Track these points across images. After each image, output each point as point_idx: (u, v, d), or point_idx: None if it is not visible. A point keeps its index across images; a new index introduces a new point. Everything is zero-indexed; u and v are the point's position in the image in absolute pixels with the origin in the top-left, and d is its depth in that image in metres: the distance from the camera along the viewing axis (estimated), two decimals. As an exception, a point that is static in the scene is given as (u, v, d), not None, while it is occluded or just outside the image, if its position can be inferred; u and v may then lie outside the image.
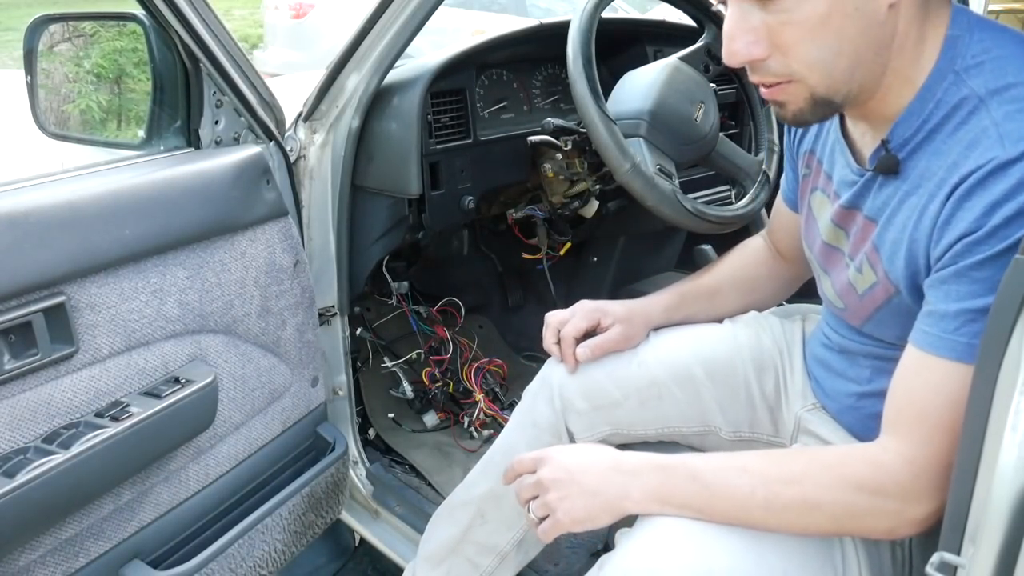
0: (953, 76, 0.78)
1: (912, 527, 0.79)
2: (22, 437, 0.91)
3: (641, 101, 1.35)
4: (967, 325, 0.74)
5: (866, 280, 0.89)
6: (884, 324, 0.89)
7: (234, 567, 1.22)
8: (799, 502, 0.81)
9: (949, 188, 0.76)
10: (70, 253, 0.95)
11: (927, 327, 0.77)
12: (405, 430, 1.77)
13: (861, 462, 0.81)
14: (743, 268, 1.24)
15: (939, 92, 0.78)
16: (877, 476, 0.79)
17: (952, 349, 0.75)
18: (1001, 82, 0.76)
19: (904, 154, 0.82)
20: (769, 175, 1.50)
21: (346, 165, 1.39)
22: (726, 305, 1.22)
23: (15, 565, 0.93)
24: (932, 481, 0.76)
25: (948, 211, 0.75)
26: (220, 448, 1.19)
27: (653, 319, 1.18)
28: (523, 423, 1.18)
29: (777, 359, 1.15)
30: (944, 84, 0.78)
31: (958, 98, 0.77)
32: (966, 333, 0.74)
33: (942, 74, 0.78)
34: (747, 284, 1.24)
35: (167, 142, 1.23)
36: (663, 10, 1.68)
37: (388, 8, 1.28)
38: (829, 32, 0.76)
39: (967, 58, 0.78)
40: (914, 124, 0.80)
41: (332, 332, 1.48)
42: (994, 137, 0.73)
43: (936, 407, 0.76)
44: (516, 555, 1.22)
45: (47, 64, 1.30)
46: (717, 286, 1.23)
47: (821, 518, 0.81)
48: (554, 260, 1.86)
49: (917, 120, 0.80)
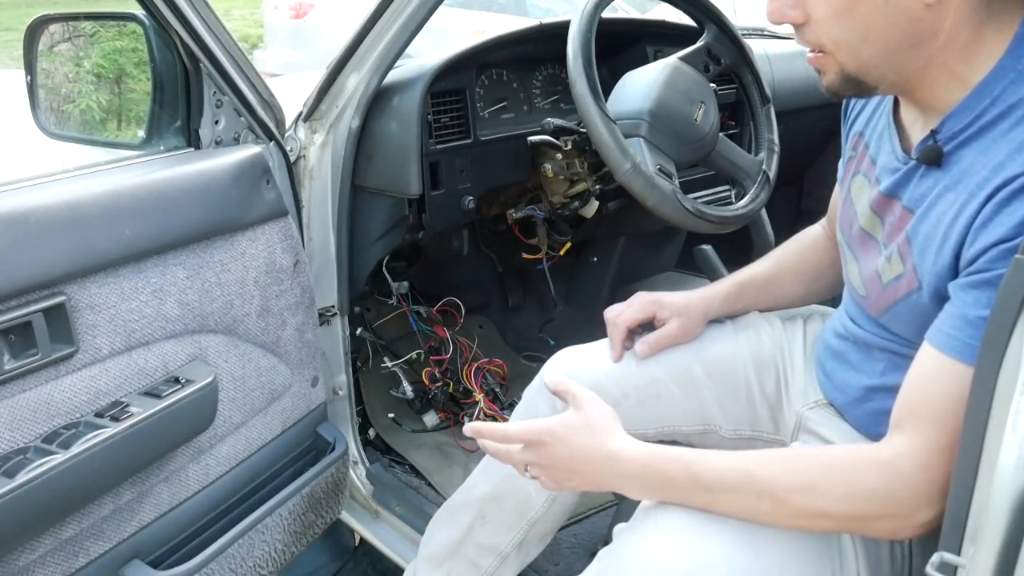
0: (1015, 75, 0.75)
1: (917, 530, 0.78)
2: (22, 437, 0.91)
3: (641, 101, 1.35)
4: None
5: (893, 270, 0.87)
6: (900, 319, 0.88)
7: (234, 567, 1.22)
8: (808, 511, 0.80)
9: (991, 189, 0.73)
10: (70, 253, 0.95)
11: (952, 330, 0.75)
12: (405, 430, 1.77)
13: (875, 470, 0.78)
14: (804, 256, 1.21)
15: (997, 89, 0.76)
16: (891, 486, 0.77)
17: (966, 349, 0.73)
18: None
19: (950, 147, 0.80)
20: (769, 175, 1.50)
21: (346, 165, 1.39)
22: (786, 294, 1.19)
23: (15, 565, 0.93)
24: (945, 487, 0.74)
25: (987, 213, 0.73)
26: (220, 448, 1.19)
27: (712, 310, 1.15)
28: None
29: (778, 358, 1.15)
30: (1004, 82, 0.76)
31: (1016, 98, 0.75)
32: None
33: (1004, 72, 0.76)
34: (808, 273, 1.20)
35: (167, 142, 1.23)
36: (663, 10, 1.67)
37: (388, 8, 1.28)
38: (855, 18, 0.77)
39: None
40: (966, 119, 0.78)
41: (332, 332, 1.48)
42: None
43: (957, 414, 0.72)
44: (517, 555, 1.22)
45: (47, 64, 1.30)
46: (777, 275, 1.20)
47: (828, 523, 0.81)
48: (554, 260, 1.86)
49: (970, 115, 0.78)
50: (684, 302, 1.14)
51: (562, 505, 1.19)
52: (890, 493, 0.77)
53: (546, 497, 1.17)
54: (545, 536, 1.24)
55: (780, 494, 0.80)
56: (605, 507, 1.53)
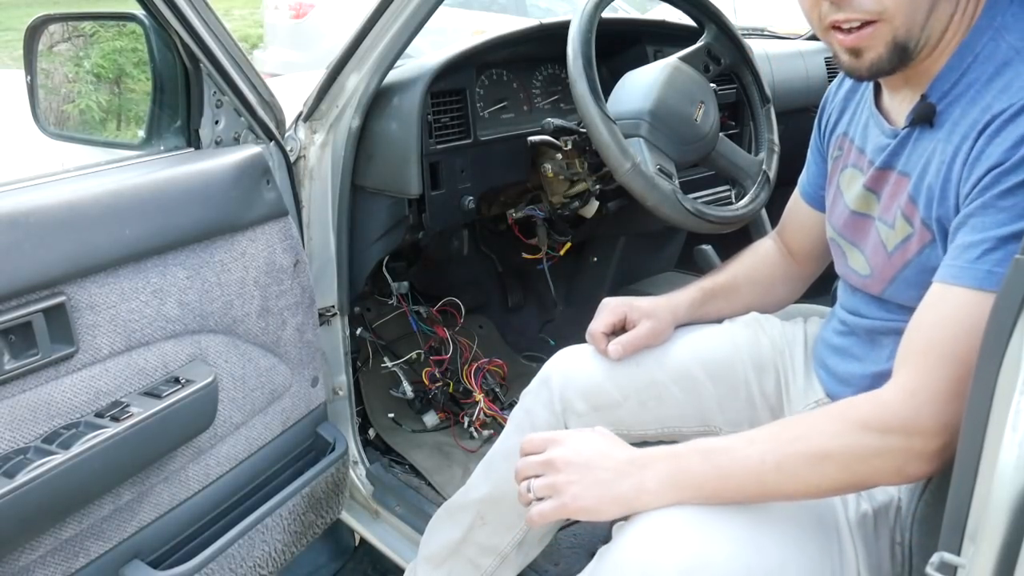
0: (992, 32, 0.81)
1: (921, 464, 0.77)
2: (22, 437, 0.91)
3: (641, 101, 1.35)
4: (989, 253, 0.74)
5: (899, 234, 0.89)
6: (908, 283, 0.89)
7: (234, 567, 1.22)
8: (808, 456, 0.80)
9: (982, 126, 0.78)
10: (70, 253, 0.95)
11: (950, 260, 0.78)
12: (405, 430, 1.77)
13: (864, 402, 0.80)
14: (757, 269, 1.25)
15: (978, 47, 0.81)
16: (879, 413, 0.78)
17: (973, 277, 0.75)
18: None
19: (942, 106, 0.84)
20: (769, 175, 1.50)
21: (346, 165, 1.39)
22: (744, 303, 1.22)
23: (15, 565, 0.93)
24: (936, 412, 0.75)
25: (979, 148, 0.77)
26: (220, 448, 1.19)
27: (679, 315, 1.18)
28: (522, 425, 1.18)
29: (777, 359, 1.15)
30: (983, 40, 0.81)
31: (995, 51, 0.80)
32: (988, 260, 0.74)
33: (981, 31, 0.81)
34: (763, 283, 1.24)
35: (167, 142, 1.23)
36: (663, 10, 1.67)
37: (388, 8, 1.28)
38: None
39: (1007, 16, 0.80)
40: (953, 77, 0.83)
41: (332, 332, 1.48)
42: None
43: (945, 336, 0.75)
44: (517, 556, 1.22)
45: (47, 64, 1.30)
46: (735, 284, 1.23)
47: (832, 468, 0.80)
48: (554, 260, 1.86)
49: (956, 74, 0.83)
50: (652, 305, 1.16)
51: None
52: (880, 421, 0.78)
53: None
54: (544, 537, 1.24)
55: (781, 447, 0.81)
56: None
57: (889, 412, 0.77)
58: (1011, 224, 0.74)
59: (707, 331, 1.18)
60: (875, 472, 0.81)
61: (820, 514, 0.89)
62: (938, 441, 0.75)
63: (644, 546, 0.84)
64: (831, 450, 0.80)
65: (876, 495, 0.92)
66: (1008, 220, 0.74)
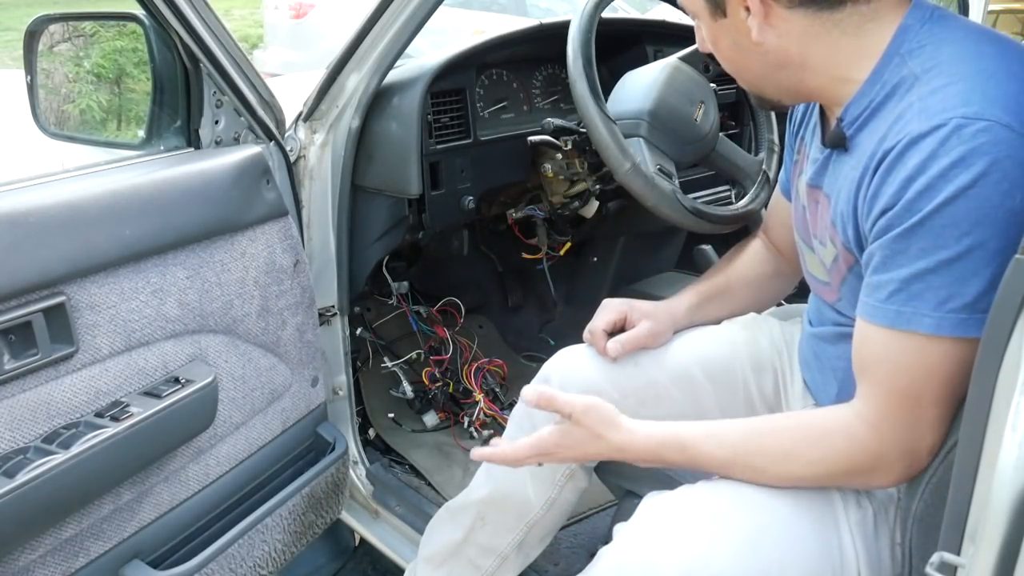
0: (898, 59, 0.82)
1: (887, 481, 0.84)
2: (22, 437, 0.91)
3: (641, 101, 1.35)
4: (895, 294, 0.78)
5: (829, 253, 0.92)
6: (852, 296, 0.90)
7: (234, 567, 1.22)
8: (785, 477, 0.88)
9: (876, 161, 0.80)
10: (70, 253, 0.95)
11: (865, 297, 0.82)
12: (405, 430, 1.77)
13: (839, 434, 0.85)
14: (748, 267, 1.25)
15: (885, 74, 0.82)
16: (852, 446, 0.84)
17: (885, 316, 0.79)
18: (934, 60, 0.79)
19: (852, 131, 0.86)
20: (769, 175, 1.50)
21: (346, 165, 1.39)
22: (740, 303, 1.24)
23: (15, 565, 0.93)
24: (898, 441, 0.81)
25: (875, 185, 0.80)
26: (220, 448, 1.19)
27: (678, 319, 1.19)
28: (523, 426, 1.18)
29: (776, 360, 1.15)
30: (890, 66, 0.82)
31: (898, 77, 0.81)
32: (895, 301, 0.78)
33: (889, 58, 0.82)
34: (755, 282, 1.25)
35: (167, 142, 1.23)
36: (663, 10, 1.67)
37: (388, 8, 1.28)
38: (724, 56, 0.93)
39: (912, 43, 0.81)
40: (863, 104, 0.84)
41: (332, 332, 1.48)
42: (916, 111, 0.77)
43: (884, 372, 0.81)
44: (517, 557, 1.22)
45: (47, 64, 1.29)
46: (729, 285, 1.25)
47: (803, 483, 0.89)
48: (554, 260, 1.86)
49: (866, 100, 0.84)
50: (652, 308, 1.18)
51: (561, 507, 1.19)
52: (851, 453, 0.84)
53: (545, 500, 1.17)
54: (545, 537, 1.24)
55: (759, 466, 0.88)
56: (605, 507, 1.53)
57: (860, 445, 0.83)
58: (910, 265, 0.76)
59: (706, 332, 1.18)
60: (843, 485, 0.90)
61: (820, 514, 0.89)
62: (902, 464, 0.82)
63: (644, 547, 0.84)
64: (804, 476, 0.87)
65: (876, 494, 0.92)
66: (907, 261, 0.76)
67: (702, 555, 0.81)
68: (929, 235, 0.74)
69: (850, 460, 0.84)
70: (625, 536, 0.89)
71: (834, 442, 0.85)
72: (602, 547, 0.91)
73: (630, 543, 0.86)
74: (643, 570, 0.83)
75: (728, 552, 0.82)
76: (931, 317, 0.75)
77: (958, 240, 0.73)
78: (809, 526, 0.87)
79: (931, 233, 0.74)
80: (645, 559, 0.83)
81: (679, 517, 0.86)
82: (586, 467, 1.16)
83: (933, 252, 0.75)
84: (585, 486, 1.19)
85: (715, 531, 0.84)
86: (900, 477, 0.83)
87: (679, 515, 0.86)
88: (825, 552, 0.87)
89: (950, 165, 0.73)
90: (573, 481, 1.16)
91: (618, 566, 0.85)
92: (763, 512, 0.88)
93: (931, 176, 0.73)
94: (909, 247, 0.76)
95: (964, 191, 0.72)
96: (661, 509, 0.90)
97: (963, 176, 0.72)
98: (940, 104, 0.75)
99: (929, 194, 0.74)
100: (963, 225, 0.73)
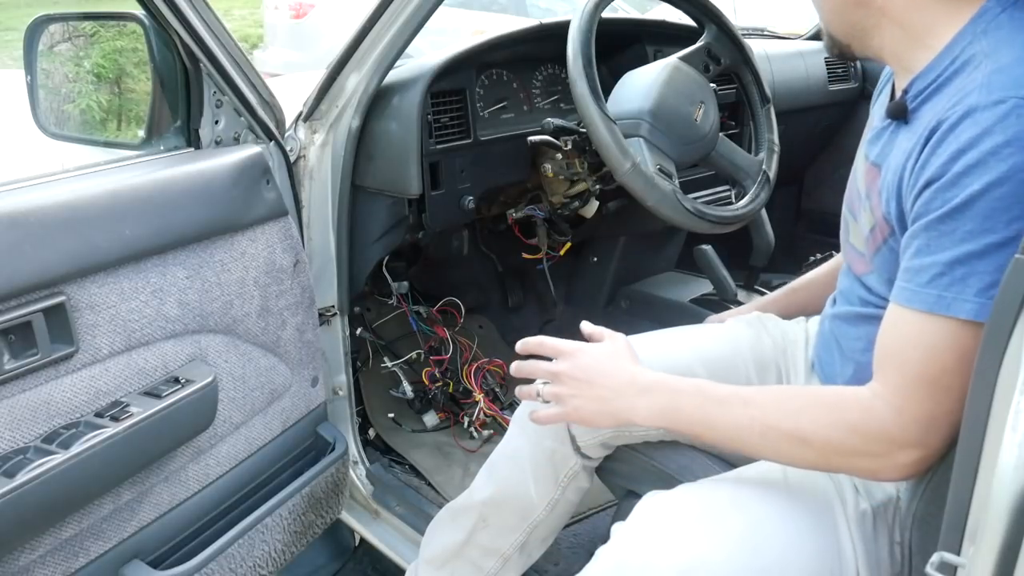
0: (973, 38, 0.79)
1: (894, 471, 0.81)
2: (22, 437, 0.91)
3: (641, 101, 1.35)
4: (937, 278, 0.75)
5: (869, 222, 0.90)
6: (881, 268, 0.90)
7: (234, 567, 1.22)
8: (792, 437, 0.84)
9: (930, 131, 0.77)
10: (70, 253, 0.95)
11: (902, 282, 0.79)
12: (405, 430, 1.77)
13: (855, 407, 0.82)
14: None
15: (957, 50, 0.80)
16: (868, 422, 0.81)
17: (923, 301, 0.76)
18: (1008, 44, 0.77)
19: (914, 104, 0.84)
20: (769, 175, 1.50)
21: (346, 165, 1.39)
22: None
23: (15, 565, 0.93)
24: (919, 430, 0.78)
25: (925, 156, 0.77)
26: (220, 448, 1.19)
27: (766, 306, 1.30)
28: (525, 428, 1.18)
29: (779, 358, 1.15)
30: (964, 43, 0.80)
31: (969, 55, 0.79)
32: (937, 285, 0.75)
33: (964, 36, 0.80)
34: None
35: (167, 142, 1.23)
36: (663, 10, 1.68)
37: (388, 8, 1.28)
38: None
39: (991, 24, 0.79)
40: (930, 78, 0.82)
41: (332, 332, 1.48)
42: (980, 84, 0.75)
43: (914, 359, 0.78)
44: (519, 557, 1.22)
45: (47, 64, 1.29)
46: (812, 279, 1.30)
47: (810, 453, 0.84)
48: (554, 260, 1.86)
49: (933, 74, 0.82)
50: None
51: (564, 508, 1.19)
52: (866, 429, 0.81)
53: (548, 501, 1.17)
54: (547, 538, 1.24)
55: (770, 419, 0.85)
56: (605, 507, 1.53)
57: (876, 423, 0.80)
58: (955, 248, 0.74)
59: (709, 330, 1.18)
60: (850, 468, 0.86)
61: (818, 514, 0.89)
62: (915, 454, 0.79)
63: (643, 546, 0.84)
64: (815, 440, 0.83)
65: (875, 494, 0.92)
66: (952, 244, 0.74)
67: (700, 554, 0.82)
68: (977, 217, 0.72)
69: (863, 437, 0.81)
70: (623, 535, 0.89)
71: (848, 413, 0.82)
72: (601, 547, 0.91)
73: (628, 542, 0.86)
74: (641, 569, 0.83)
75: (726, 551, 0.82)
76: (973, 303, 0.72)
77: (1008, 224, 0.70)
78: (807, 525, 0.87)
79: (979, 215, 0.72)
80: (643, 558, 0.83)
81: (677, 516, 0.86)
82: (588, 468, 1.16)
83: (981, 235, 0.72)
84: (587, 486, 1.19)
85: (713, 530, 0.84)
86: (907, 470, 0.80)
87: (677, 514, 0.86)
88: (823, 551, 0.87)
89: (1005, 143, 0.71)
90: (576, 482, 1.16)
91: (616, 565, 0.85)
92: (761, 511, 0.88)
93: (983, 151, 0.71)
94: (955, 229, 0.73)
95: (1017, 172, 0.70)
96: (659, 508, 0.90)
97: (1017, 157, 0.70)
98: (1005, 81, 0.73)
99: (978, 171, 0.71)
100: (1015, 209, 0.70)
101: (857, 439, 0.81)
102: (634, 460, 1.12)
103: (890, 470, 0.81)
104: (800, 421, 0.84)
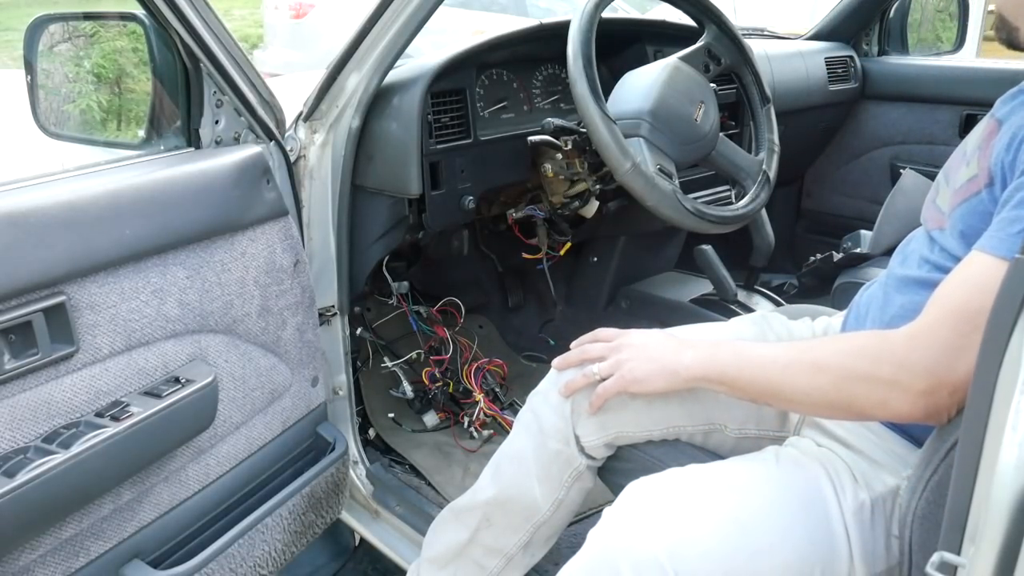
0: None
1: (904, 402, 0.81)
2: (22, 437, 0.91)
3: (641, 101, 1.35)
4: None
5: (969, 172, 0.90)
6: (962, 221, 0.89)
7: (234, 567, 1.22)
8: (809, 364, 0.89)
9: None
10: (70, 253, 0.95)
11: (991, 232, 0.80)
12: (405, 430, 1.77)
13: (871, 336, 0.88)
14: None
15: None
16: (877, 343, 0.84)
17: (1008, 248, 0.76)
18: None
19: None
20: (769, 175, 1.50)
21: (346, 165, 1.39)
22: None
23: (15, 565, 0.93)
24: (929, 357, 0.79)
25: None
26: (220, 448, 1.19)
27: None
28: (530, 429, 1.17)
29: (783, 357, 1.15)
30: None
31: None
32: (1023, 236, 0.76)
33: None
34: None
35: (167, 142, 1.23)
36: (663, 10, 1.68)
37: (388, 8, 1.28)
38: None
39: None
40: None
41: (332, 332, 1.48)
42: None
43: (961, 293, 0.78)
44: (523, 557, 1.22)
45: (47, 64, 1.29)
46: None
47: (825, 380, 0.87)
48: (554, 260, 1.86)
49: None
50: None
51: (568, 508, 1.20)
52: (877, 351, 0.83)
53: (552, 501, 1.17)
54: (551, 538, 1.24)
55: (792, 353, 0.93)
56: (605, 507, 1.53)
57: (886, 345, 0.83)
58: None
59: (714, 327, 1.18)
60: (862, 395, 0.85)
61: (808, 502, 0.90)
62: (923, 383, 0.79)
63: (631, 527, 0.85)
64: (828, 364, 0.87)
65: (875, 486, 0.92)
66: None
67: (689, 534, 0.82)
68: None
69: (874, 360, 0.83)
70: (612, 518, 0.89)
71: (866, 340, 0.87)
72: (592, 530, 0.91)
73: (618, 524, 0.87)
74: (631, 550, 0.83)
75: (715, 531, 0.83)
76: None
77: None
78: (795, 513, 0.88)
79: None
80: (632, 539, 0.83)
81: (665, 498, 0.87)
82: (592, 468, 1.16)
83: None
84: (591, 486, 1.19)
85: (702, 511, 0.85)
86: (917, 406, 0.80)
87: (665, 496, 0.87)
88: (815, 536, 0.87)
89: None
90: (580, 482, 1.16)
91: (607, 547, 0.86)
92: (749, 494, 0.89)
93: None
94: None
95: None
96: (649, 490, 0.91)
97: None
98: None
99: None
100: None
101: (866, 363, 0.83)
102: (636, 460, 1.13)
103: (899, 400, 0.81)
104: (819, 351, 0.90)
